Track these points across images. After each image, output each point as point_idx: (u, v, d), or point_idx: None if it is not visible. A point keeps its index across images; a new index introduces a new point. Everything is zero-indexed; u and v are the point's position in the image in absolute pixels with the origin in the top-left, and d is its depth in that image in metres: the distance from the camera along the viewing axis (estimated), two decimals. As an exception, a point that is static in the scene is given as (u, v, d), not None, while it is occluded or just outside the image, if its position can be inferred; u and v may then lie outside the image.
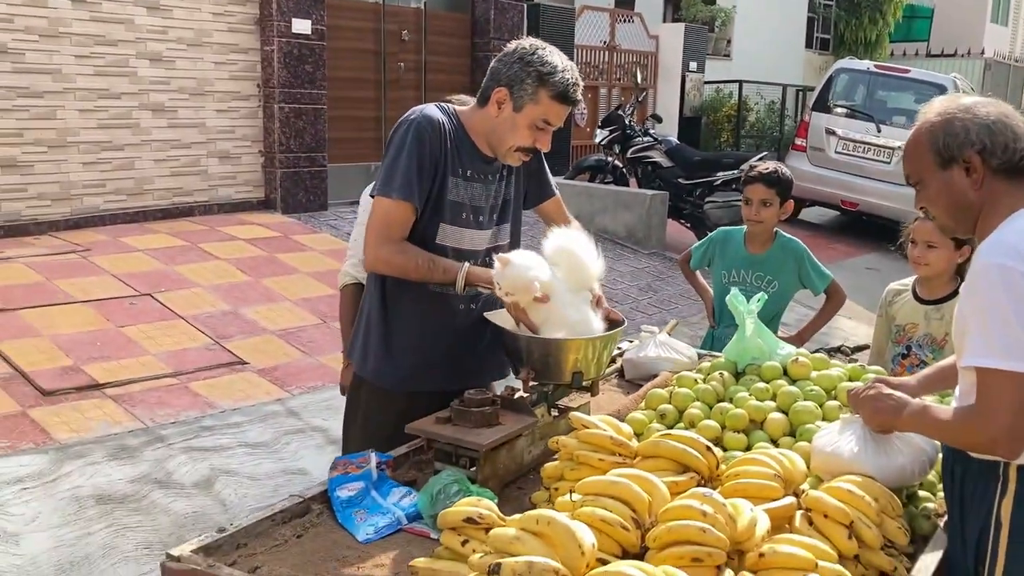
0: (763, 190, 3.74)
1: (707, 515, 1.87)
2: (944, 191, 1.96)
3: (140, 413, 4.56)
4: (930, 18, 24.64)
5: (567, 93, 2.53)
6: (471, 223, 2.69)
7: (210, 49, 8.13)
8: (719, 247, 3.99)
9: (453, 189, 2.63)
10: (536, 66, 2.51)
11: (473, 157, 2.65)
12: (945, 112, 1.94)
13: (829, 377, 2.68)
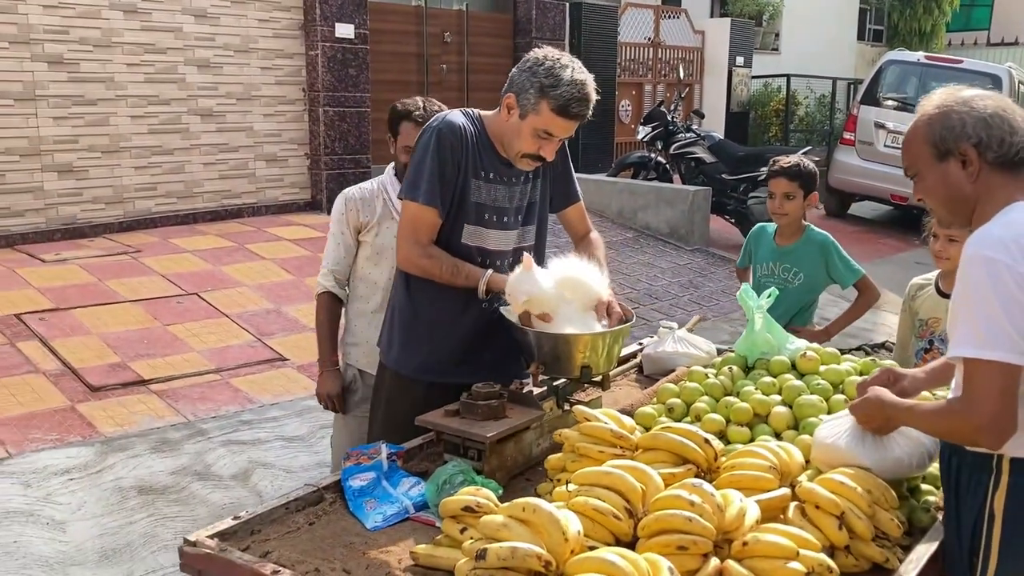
0: (785, 183, 3.77)
1: (694, 505, 1.92)
2: (941, 183, 1.97)
3: (182, 408, 4.74)
4: (990, 6, 23.99)
5: (567, 108, 2.57)
6: (494, 223, 2.76)
7: (256, 55, 8.34)
8: (754, 242, 4.04)
9: (476, 191, 2.71)
10: (541, 77, 2.57)
11: (495, 160, 2.73)
12: (943, 105, 1.95)
13: (837, 371, 2.69)
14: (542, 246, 2.96)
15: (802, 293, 3.86)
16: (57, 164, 7.28)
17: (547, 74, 2.58)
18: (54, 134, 7.24)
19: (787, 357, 2.80)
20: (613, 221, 9.90)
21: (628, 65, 13.17)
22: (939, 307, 3.40)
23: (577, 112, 2.60)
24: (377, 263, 3.21)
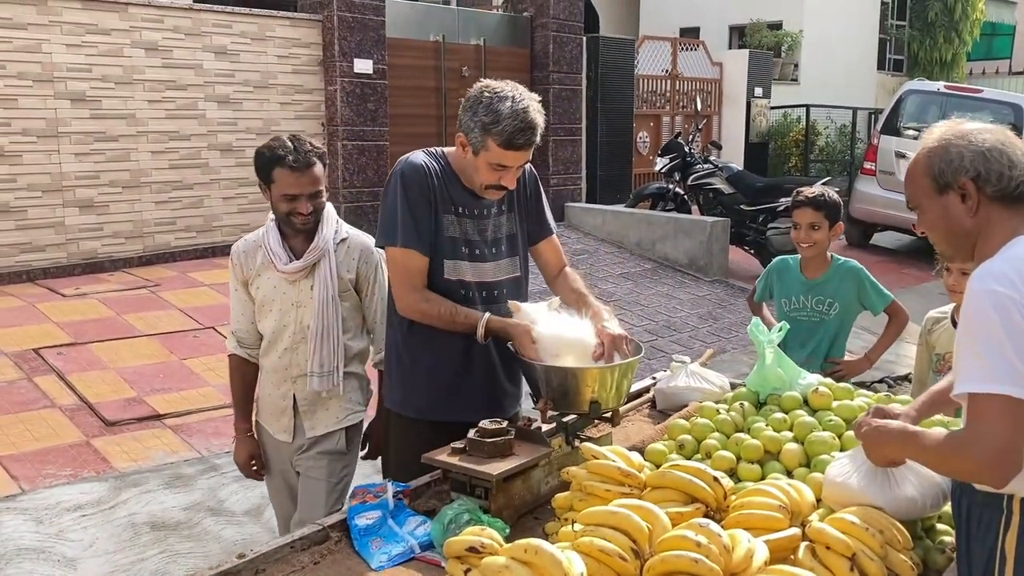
0: (811, 214, 3.74)
1: (700, 545, 1.88)
2: (941, 217, 1.96)
3: (196, 443, 4.74)
4: (1012, 35, 23.92)
5: (511, 141, 2.58)
6: (466, 256, 2.78)
7: (275, 90, 8.45)
8: (776, 276, 4.00)
9: (449, 226, 2.74)
10: (481, 116, 2.59)
11: (462, 194, 2.75)
12: (942, 138, 1.94)
13: (850, 407, 2.65)
14: (527, 278, 2.98)
15: (838, 324, 3.85)
16: (79, 200, 7.38)
17: (486, 111, 2.60)
18: (76, 170, 7.35)
19: (799, 393, 2.76)
20: (631, 252, 9.88)
21: (646, 97, 13.21)
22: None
23: (523, 143, 2.62)
24: (263, 316, 3.00)
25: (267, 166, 2.86)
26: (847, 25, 18.14)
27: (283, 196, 2.87)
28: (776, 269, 4.01)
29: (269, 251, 2.94)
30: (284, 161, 2.83)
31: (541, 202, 3.00)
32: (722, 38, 17.34)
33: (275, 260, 2.93)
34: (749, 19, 16.89)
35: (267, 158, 2.87)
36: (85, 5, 7.31)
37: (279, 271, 2.94)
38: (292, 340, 2.99)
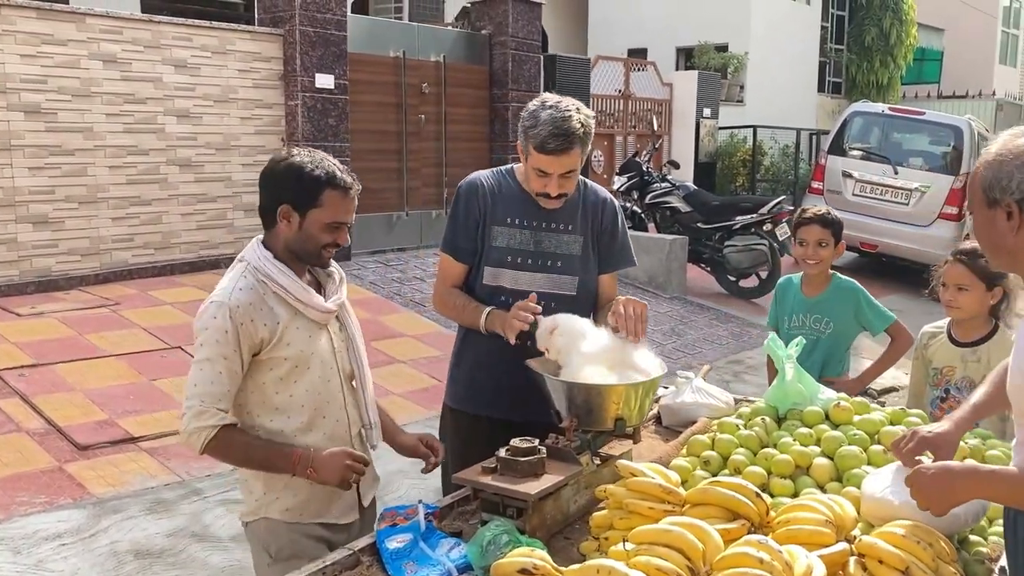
0: (819, 231, 3.75)
1: (764, 562, 1.87)
2: (986, 228, 1.98)
3: (175, 466, 4.59)
4: (940, 60, 24.82)
5: (544, 145, 2.72)
6: (510, 264, 2.91)
7: (236, 105, 8.29)
8: (779, 296, 4.02)
9: (498, 236, 2.90)
10: (524, 122, 2.79)
11: (525, 205, 2.91)
12: (999, 153, 1.95)
13: (872, 421, 2.68)
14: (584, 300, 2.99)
15: (833, 343, 3.85)
16: (32, 215, 7.12)
17: (529, 118, 2.77)
18: (30, 185, 7.10)
19: (820, 407, 2.78)
20: (591, 270, 9.91)
21: (600, 117, 13.34)
22: (953, 355, 3.42)
23: (555, 147, 2.72)
24: (300, 378, 2.41)
25: (316, 187, 2.32)
26: (789, 48, 18.61)
27: (328, 225, 2.36)
28: (781, 288, 4.04)
29: (292, 295, 2.36)
30: (336, 181, 2.35)
31: (616, 238, 3.05)
32: (669, 60, 17.61)
33: (310, 302, 2.39)
34: (697, 41, 17.20)
35: (317, 177, 2.32)
36: (40, 14, 7.09)
37: (322, 312, 2.43)
38: (342, 394, 2.52)
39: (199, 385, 2.27)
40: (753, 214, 9.75)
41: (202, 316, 2.31)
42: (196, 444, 2.30)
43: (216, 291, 2.36)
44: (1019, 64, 29.02)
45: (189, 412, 2.28)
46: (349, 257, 9.04)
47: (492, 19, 10.69)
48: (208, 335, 2.27)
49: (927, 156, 12.05)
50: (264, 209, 2.40)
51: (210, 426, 2.28)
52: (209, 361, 2.27)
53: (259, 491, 2.42)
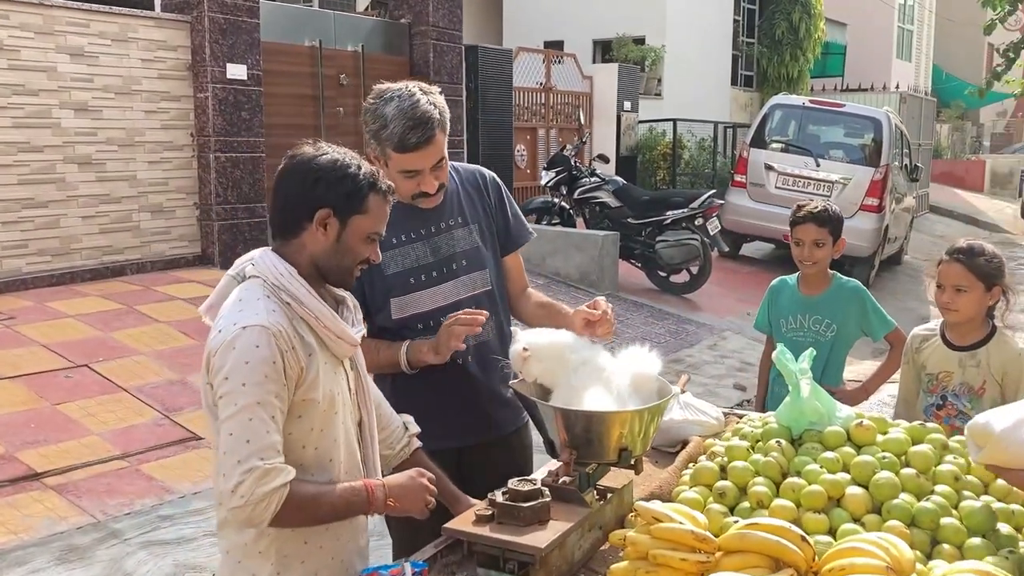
0: (815, 230, 3.53)
1: (844, 631, 1.57)
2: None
3: (88, 505, 4.06)
4: (843, 54, 25.46)
5: (403, 143, 2.38)
6: (413, 286, 2.59)
7: (140, 97, 7.66)
8: (772, 297, 3.78)
9: (390, 264, 2.55)
10: (371, 125, 2.44)
11: (404, 218, 2.54)
12: None
13: (898, 441, 2.42)
14: (502, 290, 2.76)
15: (835, 347, 3.63)
16: (-91, 220, 6.40)
17: (374, 119, 2.42)
18: (-95, 187, 6.37)
19: (840, 427, 2.51)
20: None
21: (522, 111, 13.04)
22: (950, 360, 3.22)
23: (417, 141, 2.38)
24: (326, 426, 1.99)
25: (362, 189, 1.94)
26: (704, 41, 18.72)
27: (370, 236, 1.99)
28: (774, 289, 3.80)
29: (322, 323, 1.93)
30: (380, 184, 1.98)
31: (507, 212, 2.78)
32: (586, 52, 17.46)
33: (342, 333, 1.98)
34: (614, 34, 17.09)
35: (363, 177, 1.95)
36: (-87, -4, 6.37)
37: (350, 345, 2.03)
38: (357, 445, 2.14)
39: (253, 440, 1.77)
40: (684, 209, 9.60)
41: (236, 345, 1.79)
42: (265, 515, 1.79)
43: (235, 313, 1.85)
44: (914, 58, 30.08)
45: (249, 477, 1.76)
46: (267, 260, 8.49)
47: (411, 7, 10.26)
48: (251, 371, 1.78)
49: (847, 148, 12.18)
50: (287, 213, 1.96)
51: (280, 486, 1.79)
52: (260, 406, 1.79)
53: (267, 573, 1.94)
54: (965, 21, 28.15)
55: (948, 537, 2.09)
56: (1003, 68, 14.34)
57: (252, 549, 1.93)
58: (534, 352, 2.39)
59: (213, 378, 1.83)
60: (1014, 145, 34.07)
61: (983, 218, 20.47)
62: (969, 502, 2.17)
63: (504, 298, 2.78)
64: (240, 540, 1.94)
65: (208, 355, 1.85)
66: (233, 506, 1.79)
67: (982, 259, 3.09)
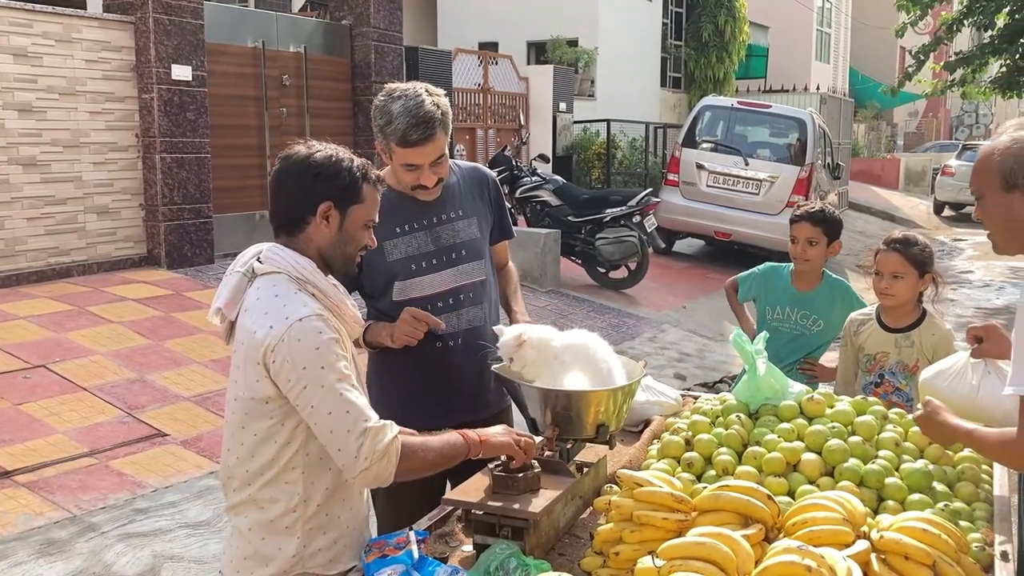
0: (809, 228, 3.75)
1: (812, 570, 1.82)
2: (1003, 212, 2.07)
3: (62, 500, 4.12)
4: (766, 56, 26.20)
5: (407, 138, 2.60)
6: (415, 272, 2.77)
7: (84, 98, 7.61)
8: (764, 281, 3.99)
9: (393, 250, 2.75)
10: (377, 120, 2.65)
11: (408, 209, 2.77)
12: (1016, 140, 2.05)
13: (844, 413, 2.69)
14: (491, 282, 2.98)
15: (818, 339, 3.88)
16: None
17: (381, 115, 2.63)
18: None
19: (793, 401, 2.77)
20: (466, 266, 9.78)
21: (461, 111, 13.20)
22: (886, 342, 3.51)
23: (419, 137, 2.60)
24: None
25: (356, 183, 2.09)
26: (634, 44, 19.11)
27: (367, 223, 2.14)
28: (764, 275, 4.01)
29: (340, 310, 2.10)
30: (370, 175, 2.13)
31: (502, 207, 3.05)
32: (520, 54, 17.68)
33: (357, 319, 2.17)
34: (549, 35, 17.34)
35: (354, 172, 2.10)
36: None
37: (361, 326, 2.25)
38: None
39: (352, 409, 1.95)
40: (622, 207, 9.89)
41: (300, 337, 1.93)
42: (390, 468, 1.99)
43: (281, 309, 1.97)
44: (832, 60, 31.11)
45: (366, 439, 1.94)
46: (212, 260, 8.52)
47: (352, 9, 10.34)
48: (324, 353, 1.94)
49: (774, 148, 12.65)
50: (291, 211, 2.09)
51: (393, 438, 1.99)
52: (343, 379, 1.96)
53: (294, 547, 2.07)
54: (879, 24, 29.24)
55: (892, 494, 2.38)
56: (914, 69, 15.00)
57: (278, 525, 2.06)
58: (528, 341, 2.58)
59: (281, 372, 1.95)
60: (926, 144, 35.55)
61: (899, 214, 21.33)
62: (908, 464, 2.47)
63: (493, 286, 2.99)
64: (265, 517, 2.06)
65: (264, 351, 1.96)
66: (360, 470, 1.96)
67: (916, 248, 3.40)
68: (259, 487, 2.06)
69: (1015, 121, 2.11)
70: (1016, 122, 2.09)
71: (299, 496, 2.06)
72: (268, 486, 2.04)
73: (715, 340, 9.08)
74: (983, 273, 14.51)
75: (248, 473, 2.06)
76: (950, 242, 18.47)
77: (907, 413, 2.74)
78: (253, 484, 2.06)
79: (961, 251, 17.32)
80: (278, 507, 2.05)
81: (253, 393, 2.02)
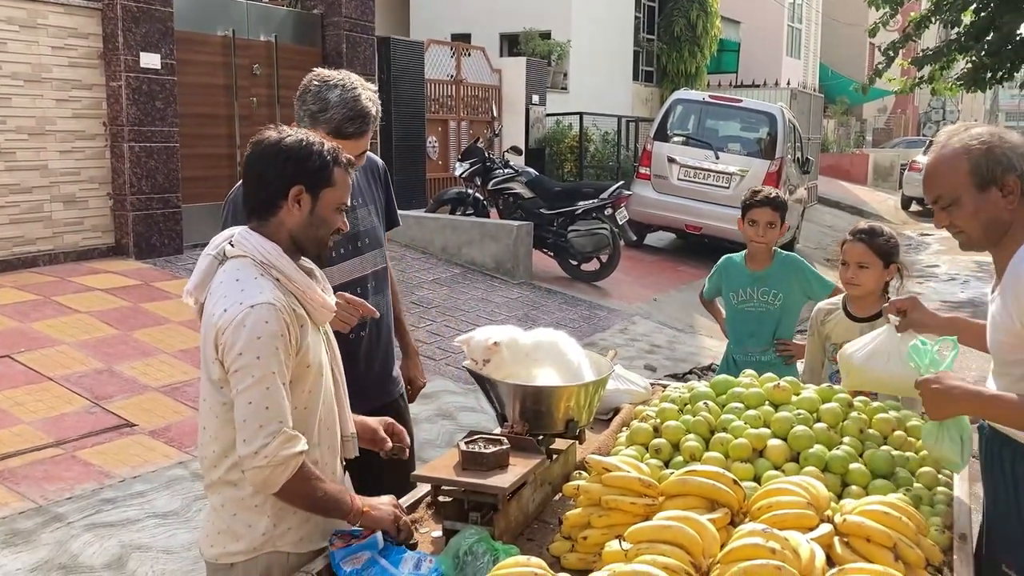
0: (770, 212, 3.93)
1: (776, 552, 1.85)
2: (980, 210, 2.14)
3: (28, 490, 4.07)
4: (737, 51, 26.37)
5: (340, 130, 2.57)
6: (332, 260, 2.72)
7: (50, 85, 7.49)
8: (724, 273, 4.16)
9: None
10: (309, 104, 2.60)
11: None
12: (983, 141, 2.13)
13: (810, 400, 2.73)
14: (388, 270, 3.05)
15: (784, 314, 4.02)
16: None
17: (315, 100, 2.59)
18: None
19: (760, 389, 2.81)
20: (438, 257, 9.79)
21: (433, 103, 13.16)
22: (852, 330, 3.56)
23: (353, 131, 2.60)
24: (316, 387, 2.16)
25: (326, 166, 2.10)
26: (607, 37, 19.16)
27: (338, 207, 2.16)
28: (723, 267, 4.17)
29: (307, 294, 2.10)
30: (341, 158, 2.14)
31: (391, 196, 3.07)
32: (493, 46, 17.66)
33: (325, 303, 2.16)
34: (522, 28, 17.34)
35: (325, 156, 2.11)
36: None
37: (329, 312, 2.20)
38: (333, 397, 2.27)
39: (272, 407, 1.96)
40: (594, 199, 9.94)
41: (247, 323, 1.95)
42: (281, 479, 1.98)
43: (238, 293, 2.00)
44: (803, 56, 31.36)
45: (276, 439, 1.96)
46: (181, 251, 8.44)
47: (323, -1, 10.27)
48: (264, 345, 1.95)
49: (744, 142, 12.74)
50: (263, 193, 2.10)
51: (299, 452, 2.00)
52: (275, 375, 1.97)
53: (264, 525, 2.10)
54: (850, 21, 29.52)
55: (856, 479, 2.42)
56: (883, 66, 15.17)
57: (249, 503, 2.10)
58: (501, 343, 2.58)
59: (224, 355, 1.99)
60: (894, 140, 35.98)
61: (867, 209, 21.60)
62: (872, 450, 2.51)
63: (388, 274, 3.04)
64: (237, 495, 2.10)
65: (216, 333, 2.00)
66: (255, 466, 1.97)
67: (881, 239, 3.47)
68: (227, 468, 2.08)
69: (950, 129, 2.22)
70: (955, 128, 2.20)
71: None
72: (236, 467, 2.05)
73: (685, 332, 9.15)
74: (949, 267, 14.74)
75: (215, 454, 2.09)
76: (917, 236, 18.74)
77: (871, 401, 2.79)
78: (221, 465, 2.09)
79: (928, 245, 17.58)
80: (248, 487, 2.07)
81: (210, 375, 2.06)
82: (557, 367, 2.65)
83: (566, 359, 2.68)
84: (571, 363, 2.68)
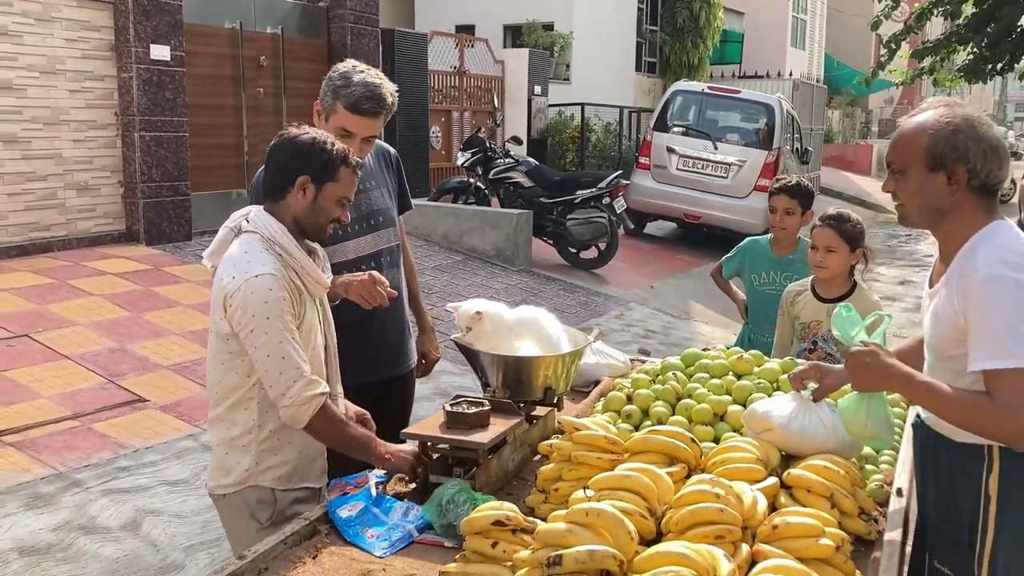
0: (787, 200, 4.15)
1: (720, 496, 2.08)
2: (922, 189, 2.13)
3: (48, 459, 4.33)
4: (741, 42, 26.46)
5: (358, 105, 2.86)
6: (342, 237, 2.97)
7: (64, 76, 7.74)
8: (747, 254, 4.37)
9: None
10: (335, 82, 2.90)
11: None
12: (951, 122, 2.09)
13: (771, 370, 2.96)
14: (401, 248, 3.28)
15: None
16: None
17: (340, 78, 2.89)
18: None
19: (725, 360, 3.04)
20: (439, 245, 10.02)
21: (436, 94, 13.37)
22: (819, 311, 3.79)
23: (368, 109, 2.87)
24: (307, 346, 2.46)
25: (333, 163, 2.42)
26: (610, 28, 19.30)
27: (340, 200, 2.47)
28: (747, 248, 4.40)
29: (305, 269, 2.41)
30: (350, 160, 2.46)
31: (403, 180, 3.33)
32: (497, 37, 17.85)
33: (319, 278, 2.47)
34: (525, 19, 17.51)
35: (337, 153, 2.43)
36: None
37: (324, 287, 2.51)
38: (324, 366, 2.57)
39: (288, 357, 2.31)
40: (593, 188, 10.15)
41: (258, 291, 2.29)
42: (306, 415, 2.35)
43: (244, 263, 2.33)
44: (807, 47, 31.41)
45: (299, 382, 2.32)
46: (190, 237, 8.70)
47: (329, -9, 10.49)
48: (272, 307, 2.30)
49: (743, 132, 12.91)
50: (276, 179, 2.45)
51: (320, 393, 2.36)
52: (285, 331, 2.31)
53: (247, 463, 2.46)
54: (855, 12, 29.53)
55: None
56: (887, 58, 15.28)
57: (237, 443, 2.46)
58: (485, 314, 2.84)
59: (232, 316, 2.33)
60: (899, 131, 35.84)
61: (870, 199, 21.67)
62: (824, 415, 2.73)
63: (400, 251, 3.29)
64: (228, 435, 2.47)
65: (224, 296, 2.34)
66: (283, 406, 2.35)
67: (848, 225, 3.68)
68: (225, 408, 2.46)
69: (935, 99, 2.21)
70: (936, 101, 2.18)
71: (254, 421, 2.44)
72: (231, 409, 2.45)
73: (680, 318, 9.37)
74: (945, 257, 14.82)
75: (217, 395, 2.48)
76: (916, 227, 18.78)
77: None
78: (221, 405, 2.47)
79: (926, 236, 17.69)
80: (237, 428, 2.45)
81: (217, 329, 2.42)
82: (537, 340, 2.88)
83: (546, 332, 2.91)
84: (550, 336, 2.91)
